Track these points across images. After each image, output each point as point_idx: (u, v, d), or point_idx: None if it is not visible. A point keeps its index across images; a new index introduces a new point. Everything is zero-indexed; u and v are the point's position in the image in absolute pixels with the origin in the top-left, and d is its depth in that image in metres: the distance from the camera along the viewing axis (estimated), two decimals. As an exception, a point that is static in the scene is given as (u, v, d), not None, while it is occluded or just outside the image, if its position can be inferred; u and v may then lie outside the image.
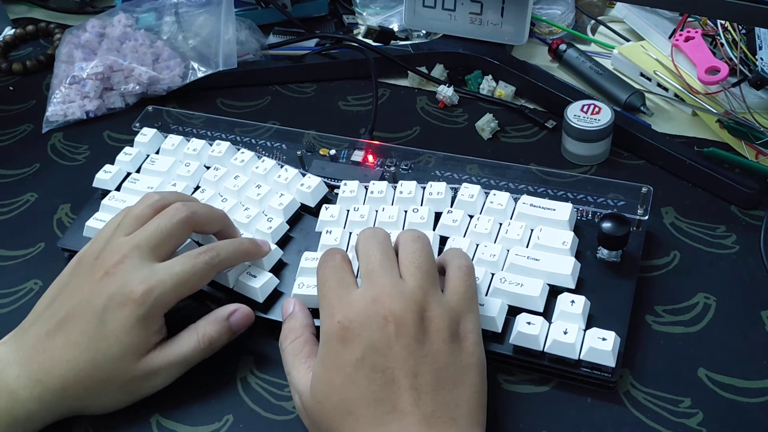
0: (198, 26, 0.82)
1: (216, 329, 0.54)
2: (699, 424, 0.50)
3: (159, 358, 0.52)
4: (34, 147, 0.77)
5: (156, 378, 0.52)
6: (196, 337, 0.53)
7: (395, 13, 0.87)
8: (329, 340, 0.48)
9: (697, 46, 0.72)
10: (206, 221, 0.57)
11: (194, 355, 0.53)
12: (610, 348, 0.51)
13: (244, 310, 0.55)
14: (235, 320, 0.55)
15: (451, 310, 0.48)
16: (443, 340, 0.47)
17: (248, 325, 0.56)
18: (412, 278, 0.49)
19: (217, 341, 0.54)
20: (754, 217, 0.63)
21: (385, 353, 0.46)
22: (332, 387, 0.46)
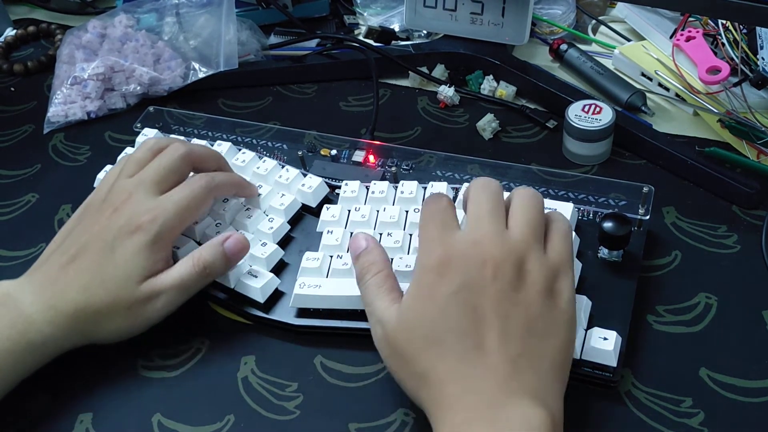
0: (199, 27, 0.82)
1: (210, 253, 0.56)
2: (700, 424, 0.50)
3: (159, 281, 0.55)
4: (35, 147, 0.77)
5: (157, 301, 0.54)
6: (191, 261, 0.56)
7: (396, 13, 0.87)
8: (426, 272, 0.48)
9: (698, 45, 0.72)
10: (203, 158, 0.61)
11: (190, 278, 0.55)
12: (612, 348, 0.51)
13: (238, 236, 0.57)
14: (229, 245, 0.56)
15: (549, 267, 0.49)
16: (538, 292, 0.47)
17: (243, 251, 0.57)
18: (518, 230, 0.49)
19: (212, 265, 0.56)
20: (755, 217, 0.63)
21: (480, 292, 0.46)
22: (424, 316, 0.47)
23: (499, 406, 0.44)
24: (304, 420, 0.52)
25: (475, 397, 0.44)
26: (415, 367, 0.47)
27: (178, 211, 0.56)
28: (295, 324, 0.57)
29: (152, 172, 0.58)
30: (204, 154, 0.61)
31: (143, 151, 0.60)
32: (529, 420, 0.43)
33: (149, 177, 0.57)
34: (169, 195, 0.57)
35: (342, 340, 0.57)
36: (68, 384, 0.55)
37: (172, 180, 0.58)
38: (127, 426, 0.53)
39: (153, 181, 0.57)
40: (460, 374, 0.45)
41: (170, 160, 0.58)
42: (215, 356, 0.57)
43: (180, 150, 0.59)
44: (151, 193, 0.57)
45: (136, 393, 0.55)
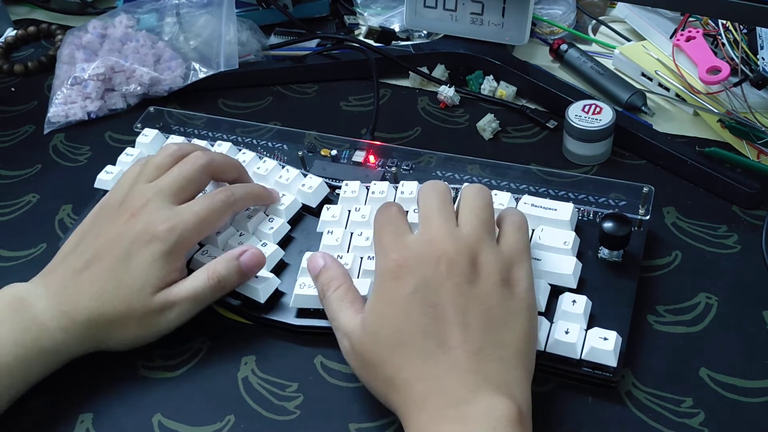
0: (199, 27, 0.82)
1: (225, 267, 0.56)
2: (701, 424, 0.50)
3: (173, 293, 0.54)
4: (36, 148, 0.77)
5: (170, 313, 0.54)
6: (206, 273, 0.55)
7: (396, 13, 0.87)
8: (383, 277, 0.49)
9: (699, 45, 0.72)
10: (223, 169, 0.61)
11: (204, 291, 0.55)
12: (612, 348, 0.51)
13: (254, 250, 0.57)
14: (245, 260, 0.56)
15: (504, 259, 0.50)
16: (494, 284, 0.48)
17: (258, 266, 0.57)
18: (469, 225, 0.51)
19: (227, 279, 0.55)
20: (755, 217, 0.63)
21: (437, 290, 0.47)
22: (386, 319, 0.48)
23: (464, 402, 0.44)
24: (305, 420, 0.52)
25: (440, 395, 0.45)
26: (383, 372, 0.47)
27: (197, 223, 0.56)
28: (296, 324, 0.57)
29: (172, 180, 0.57)
30: (224, 163, 0.61)
31: (164, 156, 0.59)
32: (493, 411, 0.44)
33: (168, 185, 0.57)
34: (188, 206, 0.56)
35: (342, 341, 0.57)
36: (69, 384, 0.55)
37: (190, 190, 0.58)
38: (128, 426, 0.53)
39: (172, 189, 0.57)
40: (426, 373, 0.46)
41: (191, 169, 0.58)
42: (216, 356, 0.57)
43: (201, 160, 0.58)
44: (170, 201, 0.56)
45: (137, 393, 0.55)
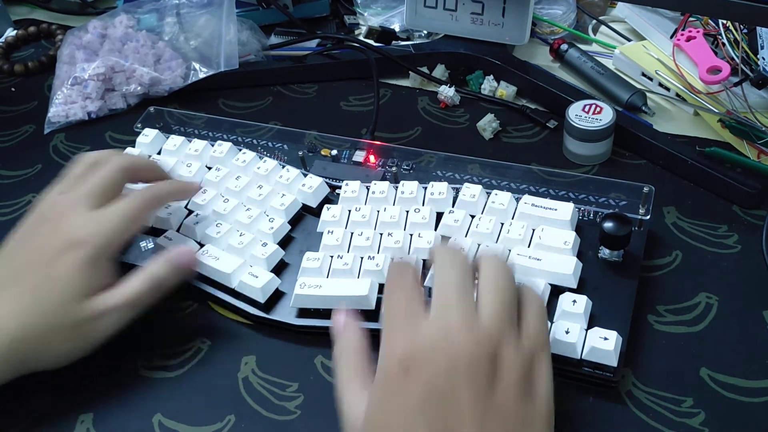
0: (199, 27, 0.82)
1: (160, 268, 0.55)
2: (701, 424, 0.50)
3: (107, 299, 0.53)
4: (36, 148, 0.77)
5: (105, 320, 0.53)
6: (142, 277, 0.55)
7: (396, 13, 0.87)
8: (390, 368, 0.43)
9: (699, 45, 0.72)
10: (141, 169, 0.60)
11: (140, 294, 0.54)
12: (612, 348, 0.51)
13: (187, 248, 0.58)
14: (180, 260, 0.56)
15: (525, 354, 0.44)
16: (514, 386, 0.42)
17: (192, 264, 0.57)
18: (490, 311, 0.44)
19: (162, 279, 0.55)
20: (755, 217, 0.63)
21: (452, 401, 0.41)
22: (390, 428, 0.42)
23: None
24: (305, 420, 0.52)
25: None
26: None
27: (118, 225, 0.54)
28: (296, 324, 0.57)
29: (89, 186, 0.56)
30: (141, 164, 0.60)
31: (79, 165, 0.58)
32: None
33: (86, 192, 0.55)
34: (107, 210, 0.55)
35: (342, 340, 0.57)
36: (69, 384, 0.55)
37: (109, 194, 0.56)
38: (128, 426, 0.53)
39: (90, 196, 0.55)
40: None
41: (107, 173, 0.57)
42: (216, 356, 0.57)
43: (117, 163, 0.57)
44: (89, 207, 0.55)
45: (137, 393, 0.55)
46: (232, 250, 0.60)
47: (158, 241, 0.61)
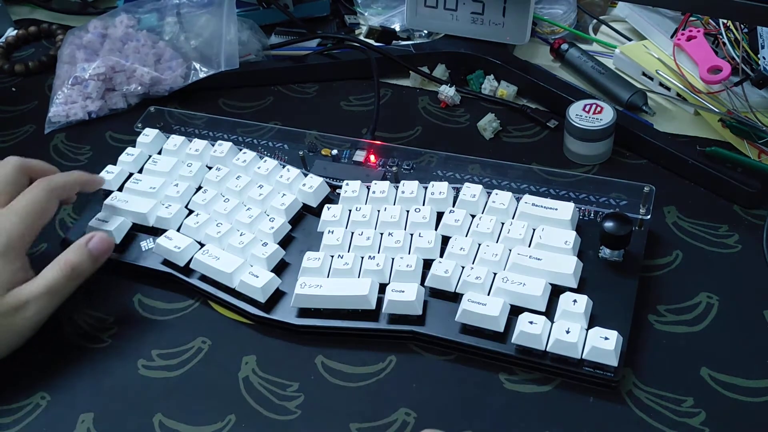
0: (200, 27, 0.82)
1: (76, 255, 0.56)
2: (702, 423, 0.50)
3: (25, 290, 0.54)
4: (37, 148, 0.77)
5: (26, 310, 0.54)
6: (58, 265, 0.55)
7: (397, 13, 0.87)
8: None
9: (699, 45, 0.72)
10: (39, 169, 0.61)
11: (58, 282, 0.55)
12: (613, 347, 0.51)
13: (102, 234, 0.58)
14: (93, 245, 0.57)
15: None
16: None
17: (108, 249, 0.58)
18: None
19: (79, 266, 0.56)
20: (756, 217, 0.63)
21: None
22: None
23: None
24: (305, 420, 0.52)
25: None
26: None
27: (23, 219, 0.56)
28: (296, 324, 0.57)
29: None
30: (39, 164, 0.61)
31: None
32: None
33: None
34: (10, 206, 0.57)
35: (343, 340, 0.57)
36: (69, 384, 0.55)
37: (10, 191, 0.58)
38: (129, 426, 0.53)
39: None
40: None
41: (5, 172, 0.58)
42: (216, 356, 0.57)
43: (13, 161, 0.59)
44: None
45: (137, 393, 0.55)
46: (232, 249, 0.60)
47: (159, 241, 0.61)
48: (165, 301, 0.61)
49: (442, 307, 0.56)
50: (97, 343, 0.58)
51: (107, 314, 0.60)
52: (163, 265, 0.61)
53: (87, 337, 0.58)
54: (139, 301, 0.61)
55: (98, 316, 0.60)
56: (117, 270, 0.62)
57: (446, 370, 0.55)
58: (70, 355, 0.57)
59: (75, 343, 0.58)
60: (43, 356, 0.57)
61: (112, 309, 0.60)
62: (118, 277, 0.62)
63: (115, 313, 0.60)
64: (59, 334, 0.58)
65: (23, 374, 0.56)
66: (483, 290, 0.55)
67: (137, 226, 0.64)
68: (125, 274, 0.63)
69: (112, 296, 0.62)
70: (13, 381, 0.55)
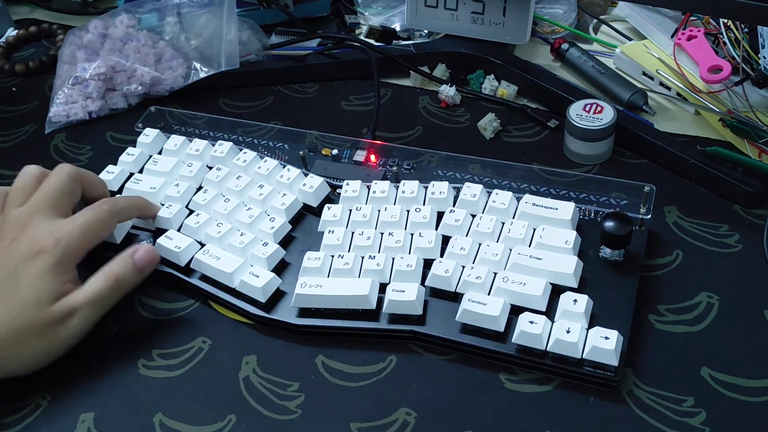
0: (200, 27, 0.82)
1: (121, 266, 0.56)
2: (702, 423, 0.50)
3: (71, 300, 0.54)
4: (37, 148, 0.77)
5: (71, 321, 0.54)
6: (103, 276, 0.56)
7: (397, 12, 0.87)
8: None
9: (700, 44, 0.72)
10: (88, 180, 0.61)
11: (103, 293, 0.55)
12: (613, 347, 0.51)
13: (147, 246, 0.58)
14: (139, 257, 0.57)
15: None
16: None
17: (153, 262, 0.58)
18: None
19: (124, 278, 0.56)
20: (756, 216, 0.63)
21: None
22: None
23: None
24: (306, 420, 0.52)
25: None
26: None
27: (82, 234, 0.56)
28: (297, 324, 0.57)
29: (44, 195, 0.57)
30: (90, 175, 0.62)
31: (25, 178, 0.59)
32: None
33: (42, 201, 0.57)
34: (71, 219, 0.56)
35: (343, 340, 0.57)
36: (70, 384, 0.55)
37: (66, 202, 0.58)
38: (129, 426, 0.53)
39: (47, 204, 0.56)
40: None
41: (60, 181, 0.58)
42: (217, 356, 0.57)
43: (68, 170, 0.59)
44: (49, 216, 0.56)
45: (138, 393, 0.55)
46: (233, 249, 0.60)
47: (159, 241, 0.61)
48: (165, 300, 0.61)
49: (443, 306, 0.56)
50: (98, 343, 0.58)
51: (107, 314, 0.60)
52: (163, 264, 0.61)
53: (87, 336, 0.58)
54: (140, 301, 0.61)
55: (99, 316, 0.60)
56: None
57: (446, 369, 0.55)
58: (71, 355, 0.56)
59: (75, 343, 0.58)
60: (44, 356, 0.57)
61: (112, 308, 0.59)
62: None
63: (115, 313, 0.60)
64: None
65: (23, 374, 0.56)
66: (483, 290, 0.55)
67: (138, 226, 0.64)
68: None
69: (112, 296, 0.62)
70: (14, 381, 0.55)
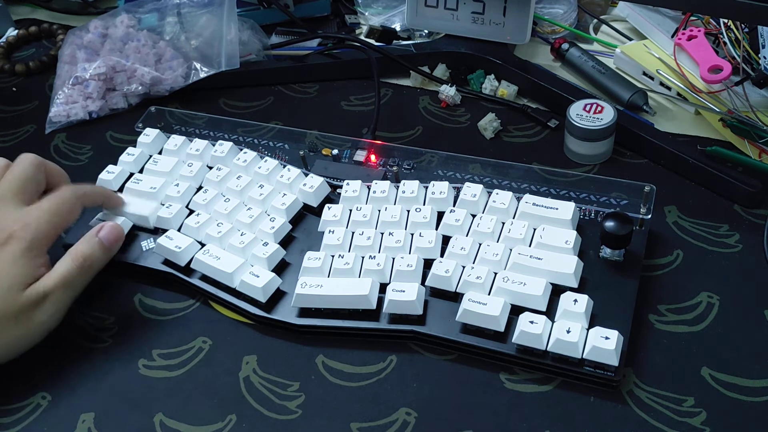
0: (200, 27, 0.82)
1: (87, 246, 0.57)
2: (702, 423, 0.50)
3: (41, 284, 0.54)
4: (37, 148, 0.77)
5: (45, 304, 0.54)
6: (70, 257, 0.56)
7: (397, 12, 0.87)
8: None
9: (700, 44, 0.72)
10: (52, 167, 0.61)
11: (72, 274, 0.55)
12: (613, 347, 0.51)
13: (111, 224, 0.59)
14: (104, 234, 0.58)
15: None
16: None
17: (119, 238, 0.59)
18: None
19: (91, 257, 0.57)
20: (757, 216, 0.63)
21: None
22: None
23: None
24: (306, 420, 0.52)
25: None
26: None
27: (50, 218, 0.56)
28: (297, 324, 0.57)
29: (9, 183, 0.58)
30: (53, 165, 0.62)
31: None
32: None
33: (8, 188, 0.57)
34: (38, 204, 0.57)
35: (344, 340, 0.57)
36: (70, 384, 0.55)
37: (31, 189, 0.58)
38: (129, 425, 0.53)
39: (12, 192, 0.57)
40: None
41: (23, 169, 0.59)
42: (217, 356, 0.57)
43: (31, 159, 0.59)
44: (15, 204, 0.57)
45: (138, 393, 0.55)
46: (233, 249, 0.60)
47: (159, 241, 0.61)
48: (166, 301, 0.61)
49: (443, 306, 0.56)
50: (98, 343, 0.58)
51: (107, 314, 0.60)
52: (163, 264, 0.61)
53: (88, 337, 0.58)
54: (140, 301, 0.61)
55: (98, 316, 0.60)
56: (117, 270, 0.62)
57: (447, 369, 0.55)
58: (71, 355, 0.57)
59: (76, 343, 0.58)
60: (44, 356, 0.57)
61: (112, 309, 0.60)
62: (119, 277, 0.62)
63: (115, 313, 0.60)
64: (60, 334, 0.58)
65: (24, 374, 0.56)
66: (483, 290, 0.55)
67: (138, 225, 0.64)
68: (126, 274, 0.63)
69: (112, 296, 0.62)
70: (14, 381, 0.55)
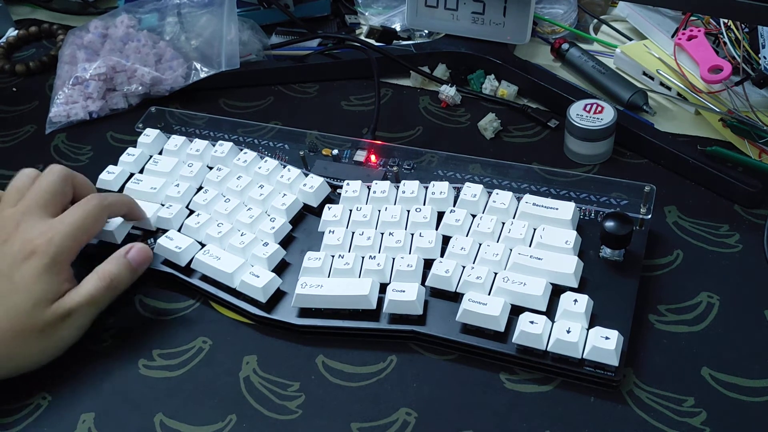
0: (200, 27, 0.82)
1: (115, 266, 0.57)
2: (702, 423, 0.50)
3: (68, 301, 0.54)
4: (38, 148, 0.77)
5: (69, 320, 0.54)
6: (98, 276, 0.56)
7: (397, 12, 0.87)
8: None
9: (700, 44, 0.72)
10: (78, 181, 0.61)
11: (98, 292, 0.55)
12: (613, 347, 0.51)
13: (140, 245, 0.59)
14: (132, 256, 0.58)
15: None
16: None
17: (147, 260, 0.58)
18: None
19: (118, 277, 0.57)
20: (757, 216, 0.63)
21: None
22: None
23: None
24: (306, 420, 0.52)
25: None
26: None
27: (73, 231, 0.56)
28: (297, 324, 0.57)
29: (36, 195, 0.57)
30: (81, 177, 0.62)
31: (20, 178, 0.59)
32: None
33: (34, 201, 0.57)
34: (62, 217, 0.56)
35: (344, 340, 0.57)
36: (70, 384, 0.55)
37: (57, 202, 0.58)
38: (129, 425, 0.53)
39: (39, 204, 0.57)
40: None
41: (51, 182, 0.58)
42: (217, 356, 0.57)
43: (59, 171, 0.59)
44: (40, 216, 0.56)
45: (138, 393, 0.55)
46: (233, 249, 0.60)
47: (159, 241, 0.61)
48: (166, 301, 0.61)
49: (443, 306, 0.56)
50: (98, 343, 0.58)
51: (108, 314, 0.60)
52: (163, 265, 0.62)
53: (88, 336, 0.58)
54: (140, 301, 0.61)
55: (99, 316, 0.60)
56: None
57: (447, 369, 0.55)
58: (71, 355, 0.57)
59: (76, 343, 0.58)
60: (44, 356, 0.57)
61: (112, 309, 0.59)
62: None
63: (115, 313, 0.60)
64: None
65: (24, 374, 0.56)
66: (484, 290, 0.55)
67: (138, 226, 0.64)
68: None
69: (113, 296, 0.62)
70: (15, 381, 0.55)
